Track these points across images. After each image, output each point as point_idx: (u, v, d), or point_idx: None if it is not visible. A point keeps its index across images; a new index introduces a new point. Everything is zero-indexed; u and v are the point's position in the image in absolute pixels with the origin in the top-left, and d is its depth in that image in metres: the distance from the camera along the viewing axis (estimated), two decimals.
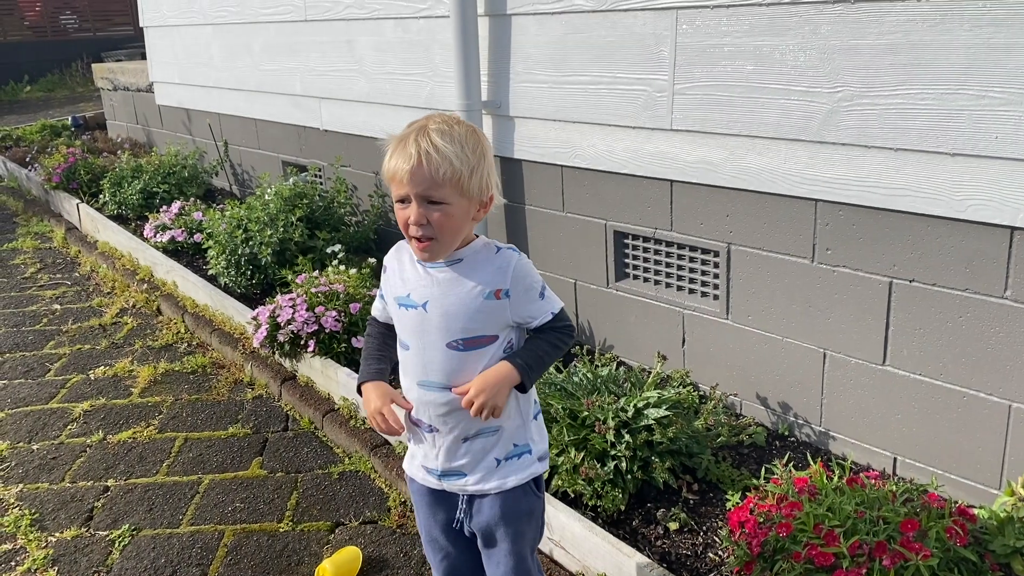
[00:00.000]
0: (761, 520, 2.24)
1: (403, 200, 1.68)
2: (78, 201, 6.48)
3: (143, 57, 7.60)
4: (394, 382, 1.90)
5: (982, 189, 2.36)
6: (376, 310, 1.96)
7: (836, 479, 2.37)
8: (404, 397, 1.85)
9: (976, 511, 2.26)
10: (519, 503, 1.86)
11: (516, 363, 1.75)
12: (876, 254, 2.66)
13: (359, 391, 1.89)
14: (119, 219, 6.04)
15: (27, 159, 8.11)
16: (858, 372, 2.82)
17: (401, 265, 1.83)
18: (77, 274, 5.70)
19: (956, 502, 2.21)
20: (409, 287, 1.78)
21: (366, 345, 1.97)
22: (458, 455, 1.82)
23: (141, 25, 6.96)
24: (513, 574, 1.91)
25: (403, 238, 1.77)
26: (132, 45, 13.26)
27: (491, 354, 1.76)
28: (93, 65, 8.77)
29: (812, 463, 2.49)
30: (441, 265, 1.75)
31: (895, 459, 2.80)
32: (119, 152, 7.27)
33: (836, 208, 2.72)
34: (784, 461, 2.67)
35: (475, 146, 1.70)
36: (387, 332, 1.94)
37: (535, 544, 1.98)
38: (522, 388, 1.78)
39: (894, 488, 2.30)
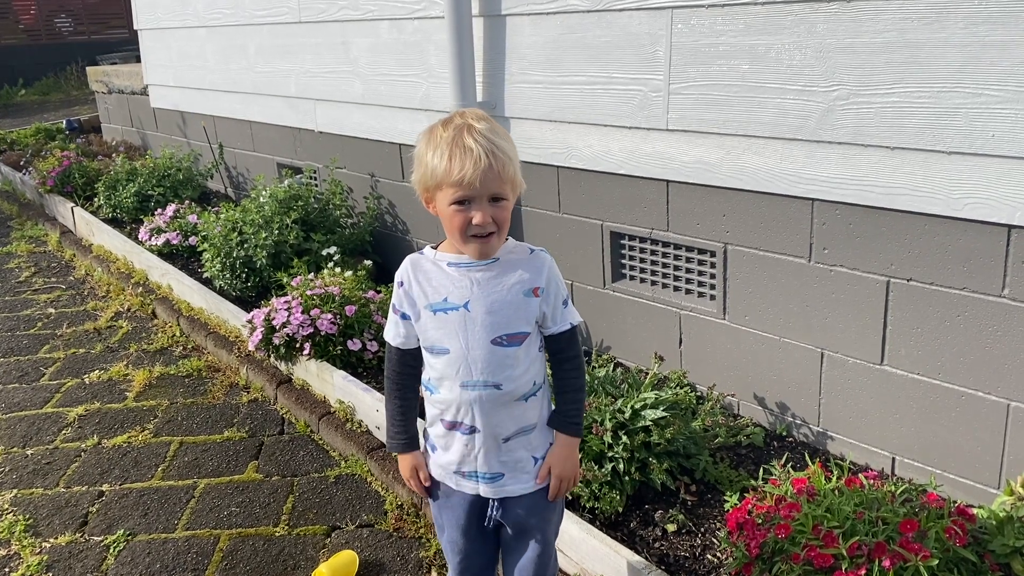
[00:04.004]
0: (760, 521, 2.22)
1: (464, 202, 1.67)
2: (73, 205, 6.46)
3: (138, 60, 7.58)
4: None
5: (979, 187, 2.35)
6: (391, 335, 1.91)
7: (835, 480, 2.36)
8: (428, 468, 1.95)
9: (975, 511, 2.25)
10: (544, 505, 1.92)
11: (570, 431, 1.89)
12: (873, 253, 2.65)
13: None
14: (114, 222, 6.02)
15: (21, 163, 8.08)
16: (856, 372, 2.81)
17: (425, 275, 1.81)
18: (72, 278, 5.68)
19: (955, 502, 2.20)
20: (445, 292, 1.78)
21: (388, 401, 1.96)
22: (499, 455, 1.84)
23: (136, 28, 6.94)
24: (540, 559, 1.97)
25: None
26: (127, 48, 13.24)
27: (529, 346, 1.81)
28: (88, 68, 8.74)
29: (810, 463, 2.48)
30: (479, 264, 1.77)
31: (894, 459, 2.79)
32: (114, 155, 7.24)
33: (833, 207, 2.71)
34: (782, 462, 2.65)
35: (511, 141, 1.73)
36: (404, 367, 1.92)
37: (558, 528, 2.05)
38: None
39: (893, 488, 2.29)
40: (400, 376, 1.93)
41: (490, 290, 1.76)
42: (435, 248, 1.84)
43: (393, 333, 1.90)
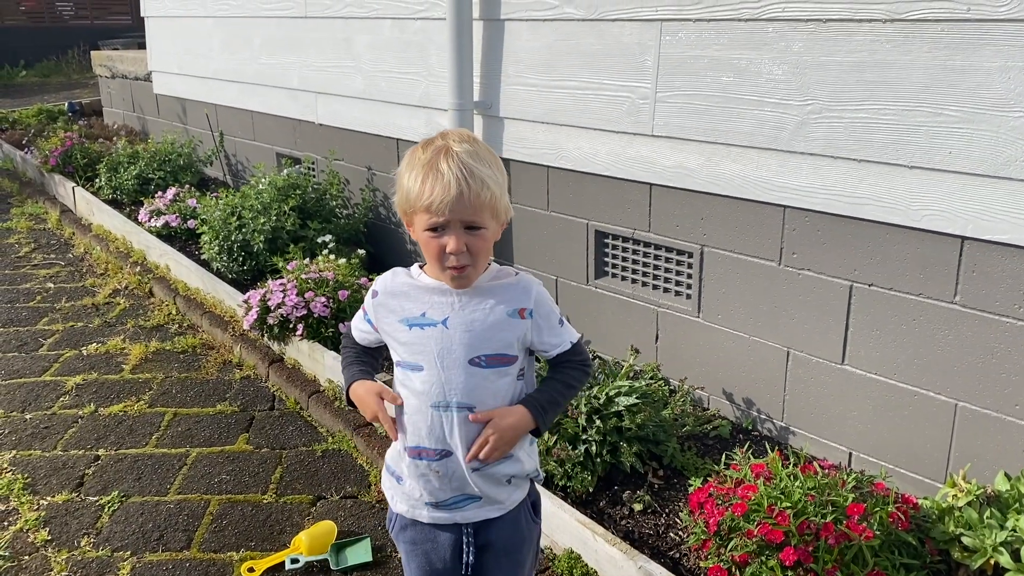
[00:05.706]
0: (719, 501, 2.39)
1: (437, 228, 1.59)
2: (73, 184, 6.58)
3: (140, 47, 7.72)
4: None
5: (936, 200, 2.52)
6: (356, 331, 1.86)
7: (791, 466, 2.52)
8: (394, 393, 1.76)
9: (920, 501, 2.42)
10: (520, 530, 1.84)
11: (532, 408, 1.71)
12: (839, 259, 2.83)
13: (348, 401, 1.83)
14: (114, 203, 6.16)
15: (24, 142, 8.20)
16: (819, 370, 2.98)
17: (404, 289, 1.73)
18: (71, 255, 5.81)
19: (901, 493, 2.37)
20: (423, 307, 1.69)
21: (344, 356, 1.91)
22: (471, 480, 1.73)
23: (143, 15, 7.08)
24: None
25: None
26: (129, 35, 13.34)
27: (511, 374, 1.71)
28: (92, 52, 8.86)
29: (770, 453, 2.64)
30: None
31: (850, 454, 2.96)
32: (115, 139, 7.37)
33: (803, 214, 2.88)
34: (744, 450, 2.81)
35: (498, 165, 1.64)
36: (364, 349, 1.89)
37: (534, 566, 1.96)
38: (536, 433, 1.75)
39: (844, 477, 2.46)
40: (355, 346, 1.89)
41: (471, 308, 1.67)
42: (421, 268, 1.76)
43: (358, 329, 1.86)
